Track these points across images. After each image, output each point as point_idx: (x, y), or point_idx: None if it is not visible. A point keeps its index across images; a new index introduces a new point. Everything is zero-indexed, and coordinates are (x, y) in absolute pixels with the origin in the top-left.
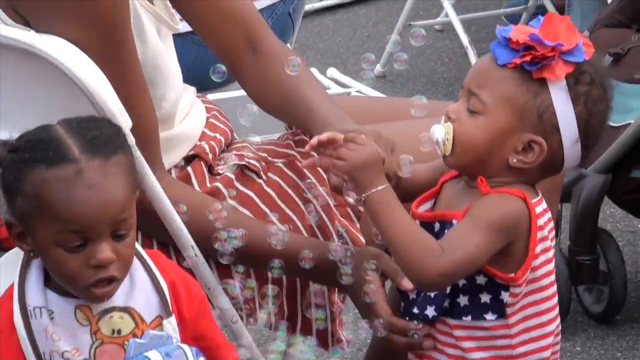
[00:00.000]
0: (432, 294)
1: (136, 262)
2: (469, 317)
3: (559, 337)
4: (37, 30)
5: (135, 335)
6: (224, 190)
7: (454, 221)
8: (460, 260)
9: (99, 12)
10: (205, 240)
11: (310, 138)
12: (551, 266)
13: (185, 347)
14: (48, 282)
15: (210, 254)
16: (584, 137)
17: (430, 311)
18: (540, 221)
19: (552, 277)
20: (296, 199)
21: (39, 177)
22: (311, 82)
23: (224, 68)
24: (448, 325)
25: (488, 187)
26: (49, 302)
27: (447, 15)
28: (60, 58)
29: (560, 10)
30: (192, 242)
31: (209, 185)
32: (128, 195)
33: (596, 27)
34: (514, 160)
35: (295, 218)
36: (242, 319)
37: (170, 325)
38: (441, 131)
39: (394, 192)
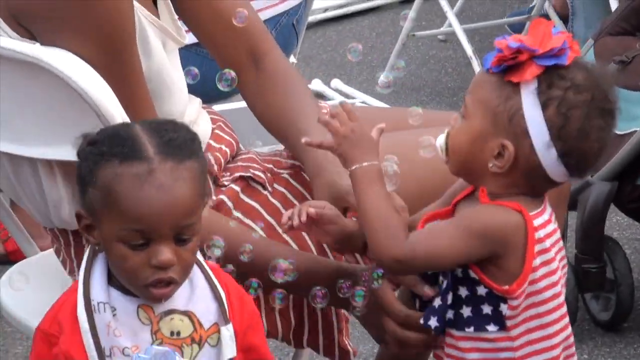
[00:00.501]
0: (436, 305)
1: (196, 270)
2: (472, 329)
3: (573, 349)
4: (42, 43)
5: (193, 340)
6: (228, 202)
7: None
8: (420, 251)
9: (104, 27)
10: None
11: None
12: (555, 278)
13: None
14: (111, 280)
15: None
16: (560, 143)
17: (433, 322)
18: (540, 233)
19: (557, 289)
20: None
21: (111, 171)
22: (307, 109)
23: (232, 74)
24: (453, 337)
25: (487, 198)
26: (112, 299)
27: (450, 25)
28: (66, 71)
29: (564, 19)
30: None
31: (214, 197)
32: (195, 201)
33: (600, 35)
34: (491, 165)
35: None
36: None
37: (228, 332)
38: (441, 138)
39: (380, 171)
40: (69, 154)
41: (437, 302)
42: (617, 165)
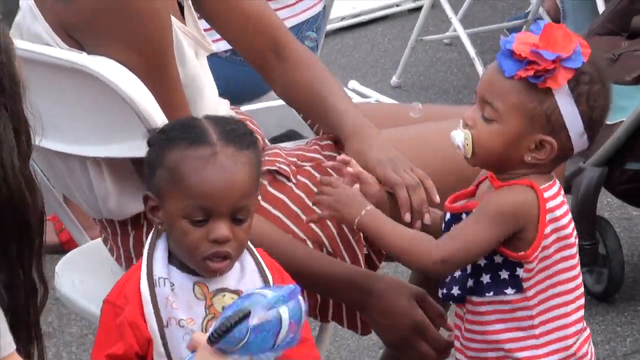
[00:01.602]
0: (457, 275)
1: (246, 253)
2: (491, 293)
3: (588, 332)
4: (89, 53)
5: None
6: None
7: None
8: (458, 247)
9: (146, 39)
10: None
11: (332, 138)
12: (568, 253)
13: (302, 300)
14: (171, 259)
15: None
16: (589, 129)
17: (455, 290)
18: (551, 203)
19: (572, 262)
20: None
21: (179, 154)
22: (333, 86)
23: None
24: (473, 303)
25: (498, 182)
26: (171, 276)
27: (455, 30)
28: (111, 78)
29: (557, 22)
30: None
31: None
32: (251, 185)
33: (589, 35)
34: (529, 158)
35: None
36: None
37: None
38: (460, 136)
39: (376, 210)
40: (114, 152)
41: (457, 272)
42: (606, 152)
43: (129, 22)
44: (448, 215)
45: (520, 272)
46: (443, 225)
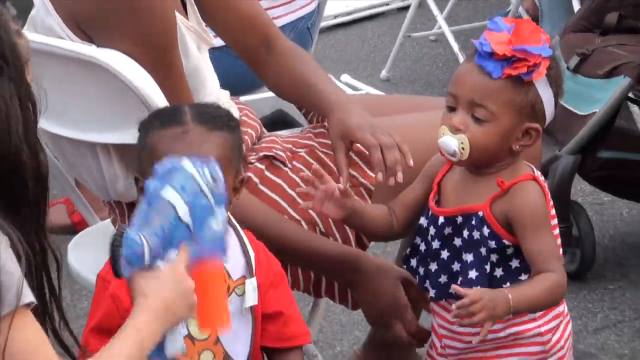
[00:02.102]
0: (474, 276)
1: (231, 231)
2: (508, 284)
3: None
4: (98, 45)
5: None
6: (255, 178)
7: (480, 213)
8: (560, 260)
9: (152, 34)
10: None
11: (324, 126)
12: (556, 232)
13: (186, 164)
14: None
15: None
16: (557, 105)
17: (470, 289)
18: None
19: (559, 241)
20: (317, 182)
21: (155, 134)
22: (318, 73)
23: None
24: None
25: (505, 183)
26: None
27: (440, 27)
28: (119, 68)
29: (535, 20)
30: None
31: (242, 174)
32: (221, 163)
33: (565, 32)
34: (517, 147)
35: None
36: None
37: (251, 284)
38: (454, 142)
39: (511, 291)
40: (122, 138)
41: (472, 274)
42: (580, 141)
43: (136, 17)
44: (442, 219)
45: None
46: (433, 227)
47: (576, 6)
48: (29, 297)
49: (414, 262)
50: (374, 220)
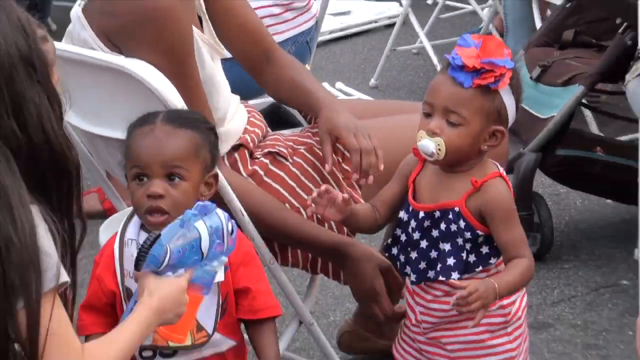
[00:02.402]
0: (452, 263)
1: None
2: (480, 267)
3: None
4: (126, 56)
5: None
6: (260, 171)
7: (456, 208)
8: (527, 245)
9: (173, 46)
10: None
11: (313, 117)
12: None
13: (220, 213)
14: (143, 226)
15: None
16: (517, 108)
17: (454, 275)
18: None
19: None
20: (314, 174)
21: (133, 132)
22: (311, 80)
23: None
24: (464, 279)
25: (478, 182)
26: (139, 238)
27: (421, 42)
28: (144, 76)
29: (502, 36)
30: (241, 208)
31: (249, 167)
32: (183, 154)
33: (529, 47)
34: (485, 147)
35: (314, 189)
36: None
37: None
38: (431, 145)
39: (496, 279)
40: None
41: (450, 261)
42: (541, 141)
43: (159, 32)
44: (422, 214)
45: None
46: (413, 221)
47: (538, 24)
48: (64, 277)
49: (394, 250)
50: (364, 218)
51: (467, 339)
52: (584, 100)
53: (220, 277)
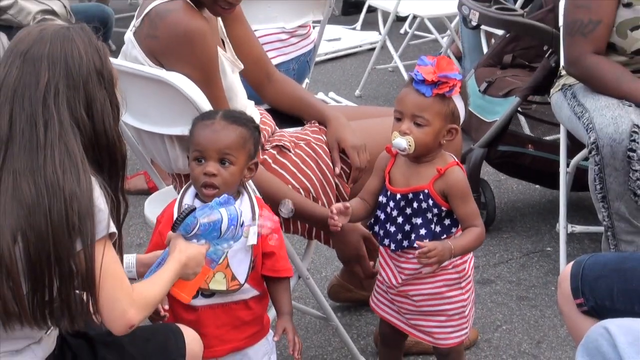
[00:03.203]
0: (424, 233)
1: (245, 194)
2: (444, 236)
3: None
4: (166, 69)
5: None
6: (269, 160)
7: (426, 190)
8: (479, 216)
9: (203, 62)
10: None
11: (317, 125)
12: None
13: (237, 208)
14: (197, 195)
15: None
16: (466, 110)
17: (426, 242)
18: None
19: None
20: (312, 164)
21: (196, 124)
22: (308, 94)
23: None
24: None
25: (441, 169)
26: (195, 203)
27: (396, 62)
28: (180, 85)
29: (458, 59)
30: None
31: (261, 157)
32: (233, 144)
33: (478, 67)
34: (443, 142)
35: (312, 175)
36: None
37: (253, 230)
38: (404, 142)
39: (453, 241)
40: (181, 131)
41: (422, 232)
42: (486, 139)
43: (192, 51)
44: (399, 196)
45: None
46: (392, 202)
47: (485, 50)
48: (112, 228)
49: (376, 228)
50: (359, 211)
51: (429, 292)
52: (519, 108)
53: (253, 241)
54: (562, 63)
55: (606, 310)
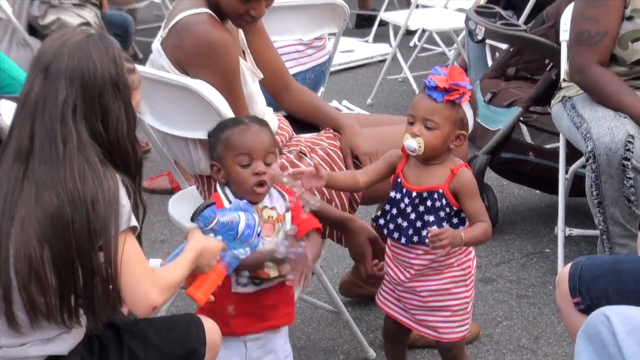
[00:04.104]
0: (435, 228)
1: (274, 189)
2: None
3: None
4: (191, 77)
5: (278, 220)
6: (286, 163)
7: (440, 190)
8: (486, 214)
9: (225, 71)
10: None
11: (331, 132)
12: None
13: (256, 217)
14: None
15: None
16: (474, 118)
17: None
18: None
19: None
20: (326, 167)
21: (228, 131)
22: (323, 103)
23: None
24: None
25: (454, 168)
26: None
27: (405, 73)
28: (204, 92)
29: (464, 69)
30: None
31: (279, 161)
32: (271, 145)
33: (483, 79)
34: (452, 146)
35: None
36: None
37: (288, 217)
38: (414, 143)
39: (464, 231)
40: (203, 135)
41: (433, 228)
42: (490, 146)
43: (215, 60)
44: (414, 193)
45: (464, 216)
46: (407, 199)
47: (490, 63)
48: (134, 222)
49: (381, 221)
50: (343, 182)
51: (437, 288)
52: (521, 118)
53: (289, 226)
54: (562, 76)
55: None
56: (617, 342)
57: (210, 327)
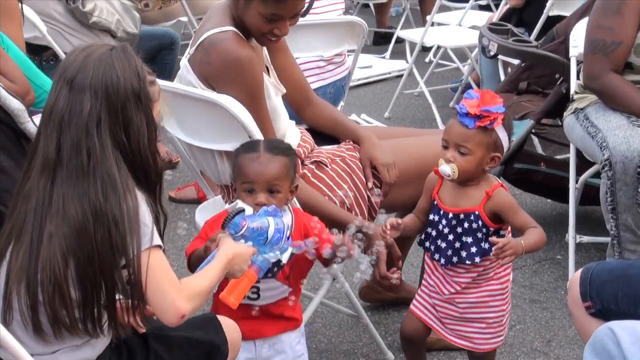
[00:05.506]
0: (474, 251)
1: (287, 209)
2: (492, 252)
3: None
4: (218, 92)
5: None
6: (308, 174)
7: (476, 212)
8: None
9: (250, 86)
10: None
11: (351, 144)
12: None
13: (286, 222)
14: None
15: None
16: (509, 139)
17: (477, 259)
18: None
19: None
20: (347, 178)
21: (240, 157)
22: (343, 116)
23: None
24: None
25: (490, 191)
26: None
27: (421, 88)
28: (230, 107)
29: (477, 84)
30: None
31: (301, 171)
32: (280, 175)
33: (496, 93)
34: (487, 168)
35: (346, 188)
36: None
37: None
38: (448, 169)
39: (522, 238)
40: (229, 147)
41: (473, 249)
42: (504, 157)
43: (240, 76)
44: (451, 215)
45: (504, 234)
46: (444, 220)
47: (502, 77)
48: (158, 241)
49: (427, 244)
50: (413, 226)
51: (475, 300)
52: (533, 130)
53: (289, 219)
54: (572, 89)
55: (612, 312)
56: (622, 351)
57: (230, 326)
